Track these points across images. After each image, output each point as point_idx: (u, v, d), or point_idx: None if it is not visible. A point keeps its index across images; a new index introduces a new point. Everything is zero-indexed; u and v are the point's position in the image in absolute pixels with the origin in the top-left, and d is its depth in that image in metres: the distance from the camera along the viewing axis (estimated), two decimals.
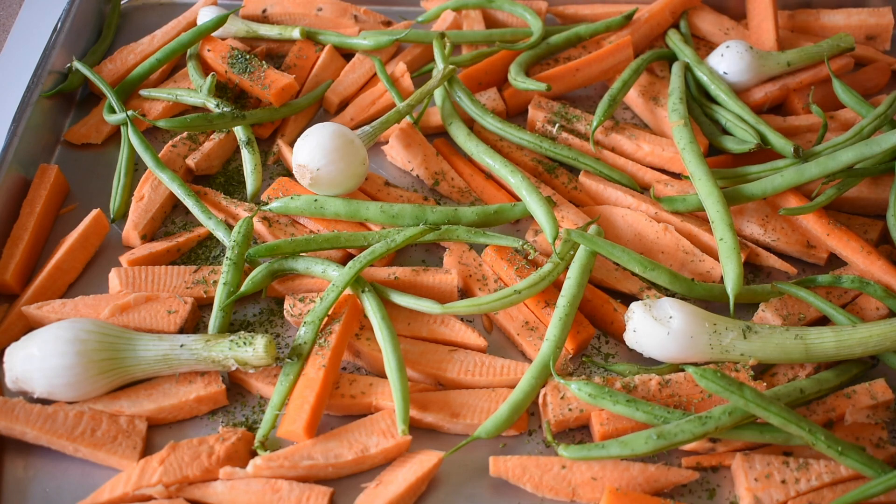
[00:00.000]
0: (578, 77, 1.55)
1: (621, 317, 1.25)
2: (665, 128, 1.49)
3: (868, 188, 1.39)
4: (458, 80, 1.48)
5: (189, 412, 1.18)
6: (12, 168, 1.37)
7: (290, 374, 1.16)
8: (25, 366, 1.12)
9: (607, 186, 1.41)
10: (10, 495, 1.11)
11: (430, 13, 1.67)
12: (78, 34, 1.61)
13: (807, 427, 1.07)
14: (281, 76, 1.50)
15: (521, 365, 1.21)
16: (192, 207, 1.34)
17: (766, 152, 1.41)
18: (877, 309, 1.27)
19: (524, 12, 1.61)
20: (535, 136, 1.44)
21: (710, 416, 1.09)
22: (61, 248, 1.31)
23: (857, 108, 1.44)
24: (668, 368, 1.20)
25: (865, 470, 1.07)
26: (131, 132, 1.40)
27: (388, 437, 1.12)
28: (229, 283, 1.23)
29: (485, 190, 1.43)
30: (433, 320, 1.25)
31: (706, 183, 1.32)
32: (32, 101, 1.46)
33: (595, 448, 1.09)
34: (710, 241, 1.34)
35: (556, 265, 1.26)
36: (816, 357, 1.17)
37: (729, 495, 1.12)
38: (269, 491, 1.07)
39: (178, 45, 1.52)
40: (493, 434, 1.12)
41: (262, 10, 1.66)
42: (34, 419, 1.11)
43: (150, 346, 1.15)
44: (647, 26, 1.63)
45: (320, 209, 1.33)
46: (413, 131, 1.47)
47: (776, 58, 1.53)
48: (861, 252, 1.31)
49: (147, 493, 1.08)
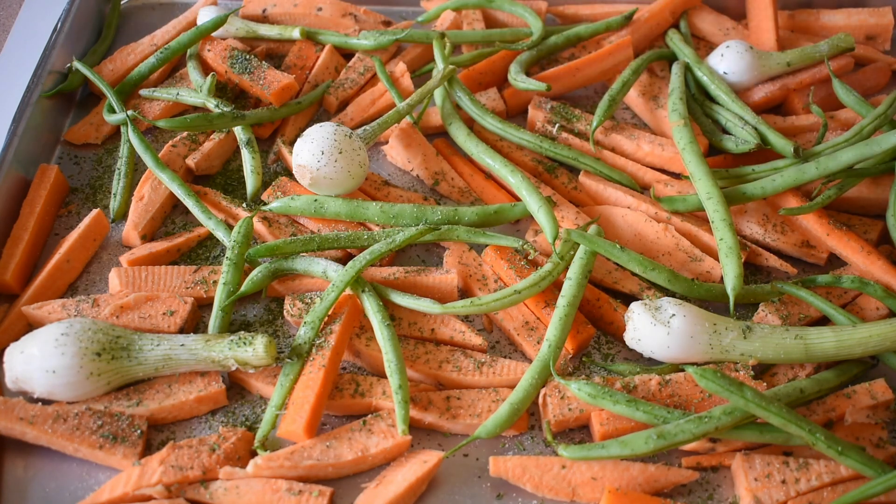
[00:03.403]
0: (578, 77, 1.55)
1: (621, 317, 1.25)
2: (665, 128, 1.49)
3: (868, 188, 1.39)
4: (458, 80, 1.48)
5: (189, 412, 1.18)
6: (12, 168, 1.37)
7: (290, 374, 1.16)
8: (25, 366, 1.12)
9: (607, 186, 1.41)
10: (10, 495, 1.11)
11: (430, 13, 1.67)
12: (78, 34, 1.61)
13: (807, 427, 1.07)
14: (281, 76, 1.50)
15: (521, 365, 1.21)
16: (192, 207, 1.34)
17: (766, 152, 1.41)
18: (877, 309, 1.27)
19: (524, 12, 1.61)
20: (535, 136, 1.44)
21: (710, 416, 1.09)
22: (61, 248, 1.31)
23: (857, 108, 1.44)
24: (668, 368, 1.20)
25: (865, 470, 1.07)
26: (131, 132, 1.40)
27: (388, 437, 1.13)
28: (229, 283, 1.23)
29: (485, 190, 1.43)
30: (433, 320, 1.25)
31: (706, 183, 1.32)
32: (32, 101, 1.46)
33: (595, 448, 1.09)
34: (710, 241, 1.34)
35: (556, 265, 1.26)
36: (816, 357, 1.17)
37: (729, 495, 1.12)
38: (269, 491, 1.07)
39: (178, 45, 1.52)
40: (493, 434, 1.12)
41: (262, 10, 1.66)
42: (34, 419, 1.11)
43: (150, 346, 1.15)
44: (647, 26, 1.63)
45: (320, 209, 1.33)
46: (413, 131, 1.47)
47: (776, 58, 1.53)
48: (861, 252, 1.31)
49: (147, 493, 1.08)
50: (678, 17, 1.66)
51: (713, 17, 1.66)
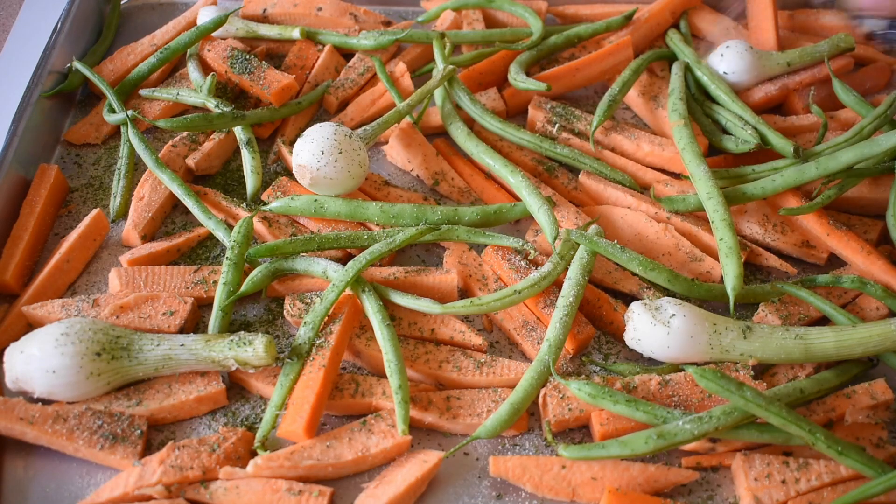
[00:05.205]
0: (578, 77, 1.55)
1: (621, 317, 1.25)
2: (665, 128, 1.49)
3: (868, 188, 1.39)
4: (458, 80, 1.48)
5: (189, 412, 1.18)
6: (12, 168, 1.37)
7: (290, 374, 1.16)
8: (25, 366, 1.12)
9: (607, 186, 1.41)
10: (10, 495, 1.11)
11: (430, 13, 1.67)
12: (78, 34, 1.62)
13: (807, 427, 1.07)
14: (281, 76, 1.50)
15: (521, 365, 1.21)
16: (192, 207, 1.34)
17: (766, 152, 1.41)
18: (877, 309, 1.27)
19: (524, 12, 1.61)
20: (535, 136, 1.44)
21: (710, 416, 1.09)
22: (61, 248, 1.31)
23: (857, 108, 1.44)
24: (668, 368, 1.20)
25: (865, 470, 1.07)
26: (131, 132, 1.40)
27: (388, 437, 1.13)
28: (229, 283, 1.23)
29: (485, 190, 1.43)
30: (433, 320, 1.25)
31: (706, 183, 1.32)
32: (32, 101, 1.46)
33: (595, 448, 1.09)
34: (710, 241, 1.34)
35: (556, 265, 1.26)
36: (816, 357, 1.17)
37: (729, 495, 1.12)
38: (269, 491, 1.07)
39: (178, 45, 1.52)
40: (493, 434, 1.12)
41: (262, 10, 1.66)
42: (34, 419, 1.11)
43: (150, 346, 1.15)
44: (647, 26, 1.63)
45: (320, 209, 1.33)
46: (413, 131, 1.47)
47: (776, 58, 1.53)
48: (861, 252, 1.31)
49: (147, 493, 1.08)
50: (678, 17, 1.66)
51: (713, 17, 1.66)
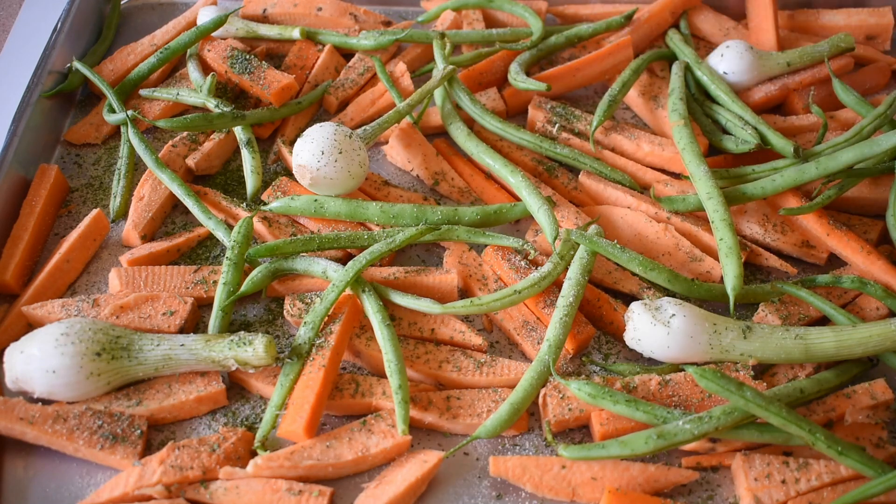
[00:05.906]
0: (578, 77, 1.55)
1: (621, 317, 1.25)
2: (665, 128, 1.49)
3: (868, 188, 1.39)
4: (458, 80, 1.48)
5: (189, 412, 1.18)
6: (12, 168, 1.37)
7: (290, 374, 1.16)
8: (25, 366, 1.12)
9: (607, 186, 1.41)
10: (10, 495, 1.11)
11: (430, 13, 1.67)
12: (78, 34, 1.62)
13: (807, 427, 1.07)
14: (281, 76, 1.50)
15: (521, 365, 1.21)
16: (192, 207, 1.34)
17: (766, 152, 1.41)
18: (877, 309, 1.27)
19: (524, 12, 1.61)
20: (535, 136, 1.44)
21: (710, 416, 1.09)
22: (61, 248, 1.31)
23: (857, 108, 1.44)
24: (668, 368, 1.20)
25: (865, 470, 1.07)
26: (131, 132, 1.40)
27: (388, 437, 1.13)
28: (229, 283, 1.23)
29: (485, 190, 1.43)
30: (433, 320, 1.25)
31: (706, 183, 1.32)
32: (32, 101, 1.46)
33: (595, 448, 1.09)
34: (710, 241, 1.34)
35: (556, 265, 1.26)
36: (816, 357, 1.17)
37: (729, 495, 1.12)
38: (269, 491, 1.07)
39: (178, 45, 1.52)
40: (493, 434, 1.12)
41: (262, 10, 1.66)
42: (34, 419, 1.11)
43: (150, 346, 1.15)
44: (647, 26, 1.63)
45: (320, 209, 1.33)
46: (413, 131, 1.47)
47: (776, 58, 1.53)
48: (861, 252, 1.31)
49: (147, 493, 1.08)
50: (678, 17, 1.66)
51: (713, 17, 1.66)
